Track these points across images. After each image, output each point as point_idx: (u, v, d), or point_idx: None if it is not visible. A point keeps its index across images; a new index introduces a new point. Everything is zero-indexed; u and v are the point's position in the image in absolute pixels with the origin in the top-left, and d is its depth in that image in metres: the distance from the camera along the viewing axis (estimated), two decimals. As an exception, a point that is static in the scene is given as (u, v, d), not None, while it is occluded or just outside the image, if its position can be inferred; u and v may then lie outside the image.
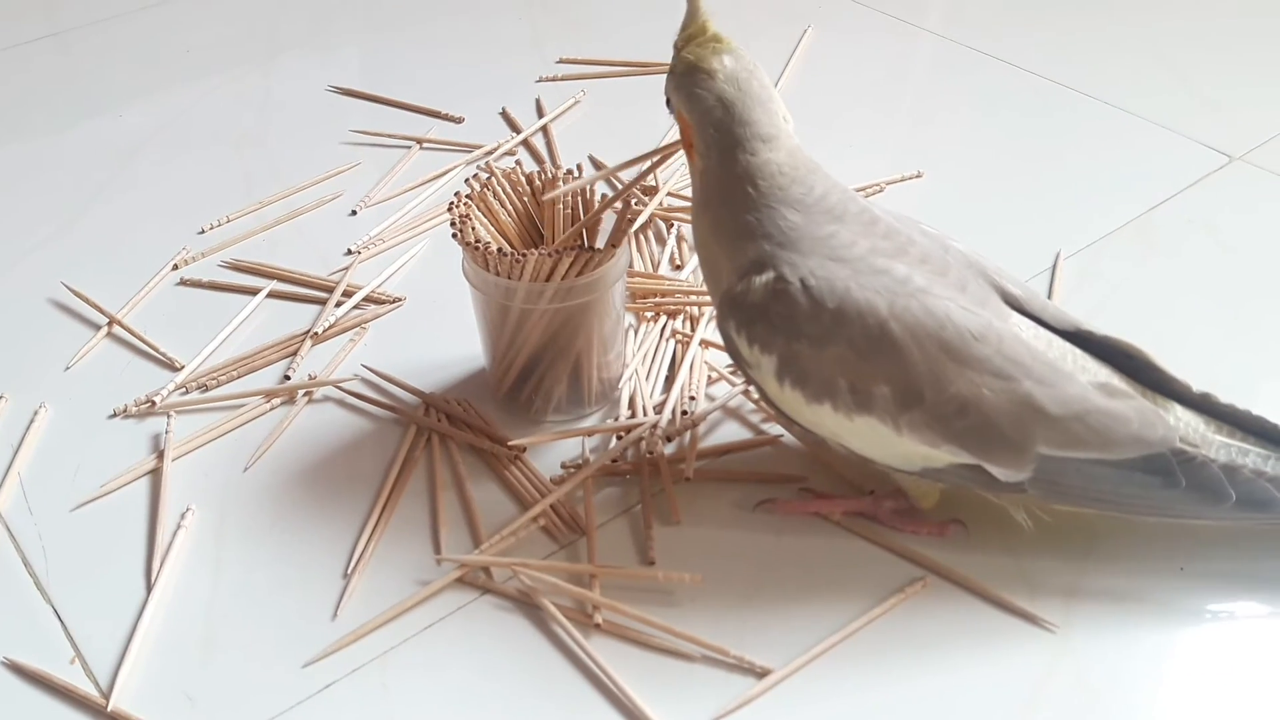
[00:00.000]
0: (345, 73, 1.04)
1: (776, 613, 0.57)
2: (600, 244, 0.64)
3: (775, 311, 0.55)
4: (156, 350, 0.73)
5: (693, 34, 0.58)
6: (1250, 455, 0.57)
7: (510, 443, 0.65)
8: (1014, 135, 0.94)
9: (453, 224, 0.63)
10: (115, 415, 0.69)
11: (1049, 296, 0.77)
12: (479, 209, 0.65)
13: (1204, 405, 0.59)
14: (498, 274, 0.62)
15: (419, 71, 1.04)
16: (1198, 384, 0.59)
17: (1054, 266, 0.79)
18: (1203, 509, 0.56)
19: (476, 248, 0.61)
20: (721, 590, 0.58)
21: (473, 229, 0.63)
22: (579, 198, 0.66)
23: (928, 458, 0.56)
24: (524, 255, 0.60)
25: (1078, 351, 0.58)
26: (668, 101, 0.59)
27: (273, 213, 0.86)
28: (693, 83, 0.57)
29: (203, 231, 0.84)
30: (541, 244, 0.67)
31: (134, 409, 0.69)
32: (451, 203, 0.64)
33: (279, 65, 1.06)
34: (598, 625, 0.56)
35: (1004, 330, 0.55)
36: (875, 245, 0.56)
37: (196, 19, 1.14)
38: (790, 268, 0.55)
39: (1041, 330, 0.58)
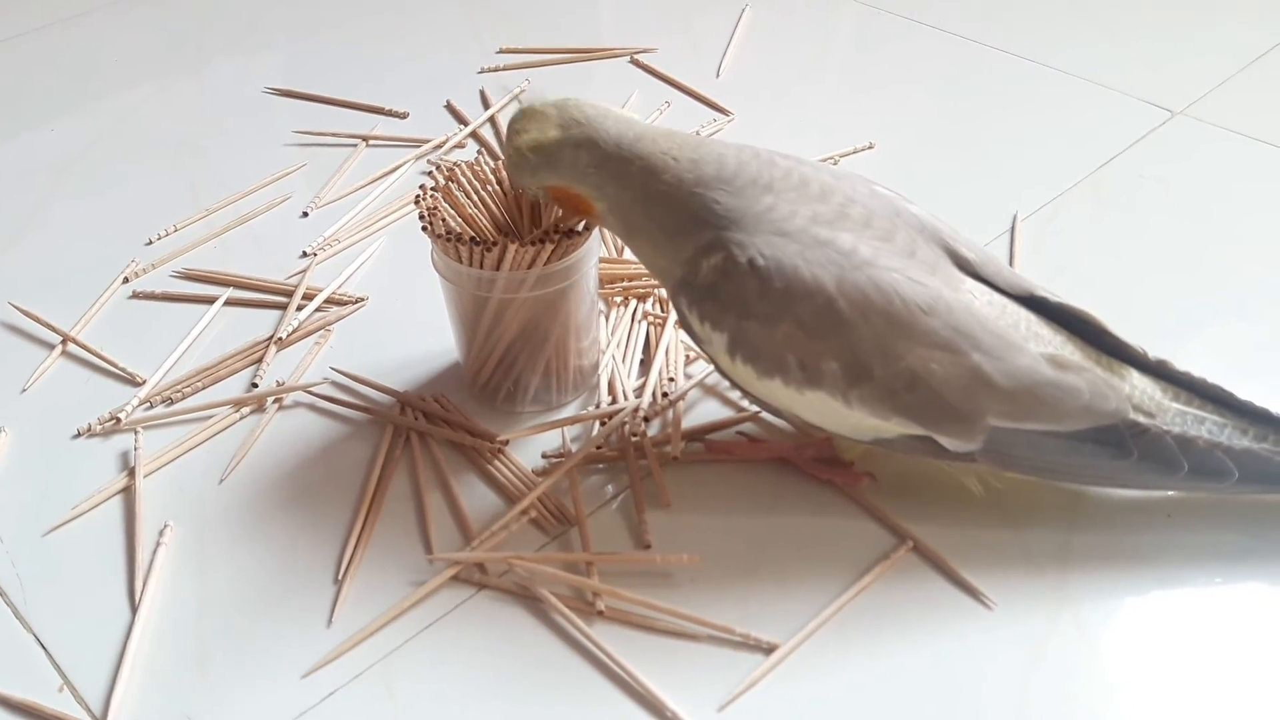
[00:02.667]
0: (280, 74, 1.02)
1: (775, 588, 0.57)
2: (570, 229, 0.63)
3: (724, 290, 0.55)
4: (115, 366, 0.71)
5: (513, 124, 0.59)
6: (1206, 423, 0.57)
7: (500, 437, 0.64)
8: (958, 101, 0.95)
9: (421, 217, 0.62)
10: (79, 435, 0.67)
11: (1010, 258, 0.78)
12: (446, 202, 0.63)
13: (1160, 372, 0.59)
14: (479, 266, 0.60)
15: (357, 69, 1.02)
16: (1161, 332, 0.60)
17: (1012, 228, 0.80)
18: (1155, 479, 0.56)
19: (449, 240, 0.60)
20: (719, 569, 0.58)
21: (442, 221, 0.61)
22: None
23: (878, 429, 0.56)
24: (505, 244, 0.59)
25: (1032, 317, 0.58)
26: (525, 189, 0.60)
27: (221, 219, 0.84)
28: (544, 157, 0.57)
29: (150, 242, 0.82)
30: (511, 233, 0.65)
31: (98, 427, 0.67)
32: (417, 196, 0.63)
33: (211, 70, 1.04)
34: (600, 612, 0.56)
35: (954, 300, 0.55)
36: (815, 212, 0.56)
37: (119, 30, 1.11)
38: (739, 248, 0.55)
39: (995, 296, 0.58)
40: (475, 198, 0.65)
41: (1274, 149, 0.86)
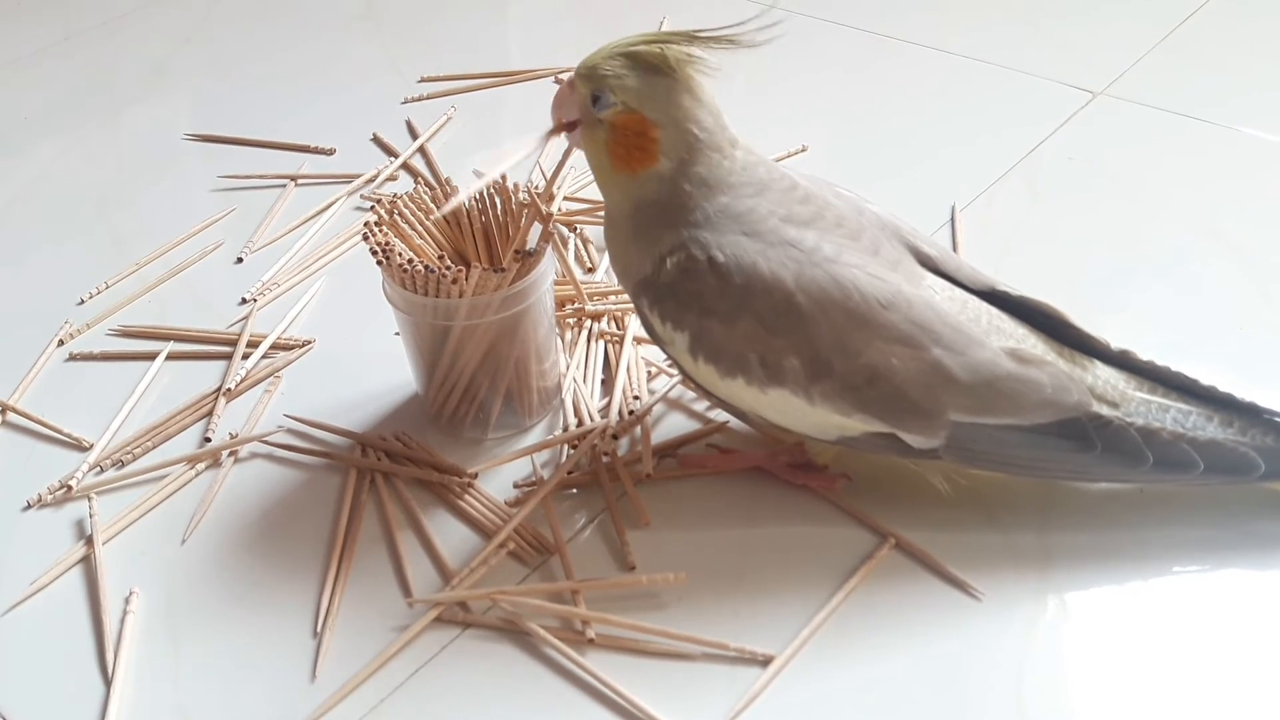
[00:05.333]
0: (197, 119, 0.99)
1: (764, 598, 0.57)
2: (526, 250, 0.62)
3: (684, 289, 0.55)
4: (60, 432, 0.69)
5: (676, 37, 0.56)
6: (1171, 412, 0.57)
7: (468, 471, 0.63)
8: (881, 97, 0.96)
9: (374, 253, 0.60)
10: (30, 507, 0.64)
11: (953, 249, 0.78)
12: (393, 235, 0.62)
13: (1124, 362, 0.59)
14: (445, 295, 0.59)
15: (276, 108, 1.00)
16: (1106, 310, 0.60)
17: (952, 220, 0.81)
18: (1119, 472, 0.56)
19: (405, 270, 0.59)
20: (706, 585, 0.57)
21: (399, 254, 0.60)
22: (501, 203, 0.64)
23: (842, 427, 0.56)
24: (470, 270, 0.59)
25: (994, 311, 0.58)
26: (594, 99, 0.55)
27: (153, 272, 0.82)
28: (681, 78, 0.55)
29: (82, 302, 0.79)
30: (460, 260, 0.65)
31: (49, 497, 0.64)
32: (365, 234, 0.61)
33: (126, 120, 1.01)
34: (591, 640, 0.55)
35: (914, 296, 0.55)
36: (791, 213, 0.56)
37: (25, 86, 1.07)
38: (699, 246, 0.55)
39: (957, 291, 0.58)
40: (420, 228, 0.64)
41: (1194, 121, 0.88)
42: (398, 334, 0.65)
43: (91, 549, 0.61)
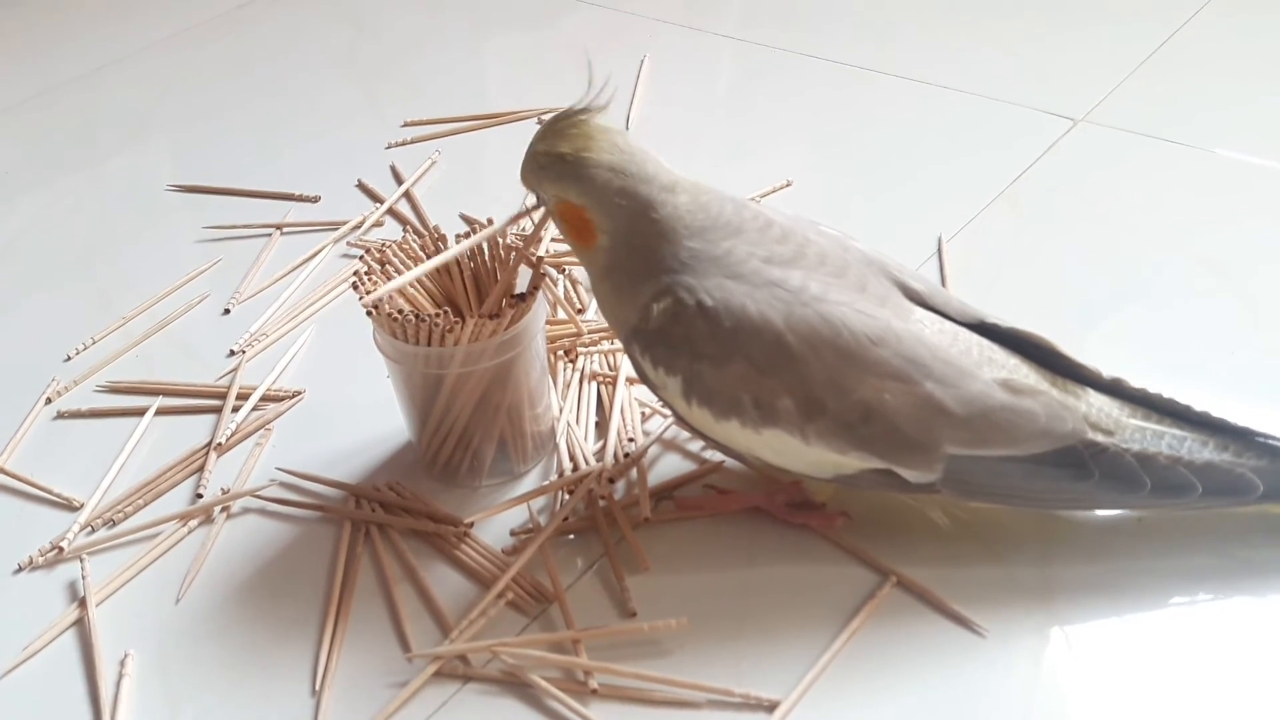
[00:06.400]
0: (180, 169, 0.99)
1: (767, 641, 0.56)
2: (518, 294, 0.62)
3: (674, 334, 0.55)
4: (50, 492, 0.68)
5: (560, 123, 0.57)
6: (1165, 438, 0.57)
7: (467, 520, 0.62)
8: (867, 131, 0.96)
9: (362, 301, 0.60)
10: (21, 569, 0.63)
11: (941, 280, 0.78)
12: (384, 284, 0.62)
13: (1116, 390, 0.59)
14: (439, 344, 0.59)
15: (260, 156, 1.00)
16: (1100, 339, 0.60)
17: (939, 251, 0.81)
18: (1118, 498, 0.56)
19: (396, 319, 0.59)
20: (708, 629, 0.57)
21: (387, 305, 0.60)
22: (489, 249, 0.64)
23: (838, 465, 0.56)
24: (465, 318, 0.58)
25: (984, 343, 0.58)
26: (538, 199, 0.59)
27: (140, 326, 0.81)
28: (580, 168, 0.56)
29: (69, 358, 0.79)
30: (452, 306, 0.64)
31: (40, 559, 0.64)
32: (354, 284, 0.61)
33: (108, 172, 1.01)
34: (594, 691, 0.54)
35: (904, 331, 0.55)
36: (771, 253, 0.56)
37: (5, 138, 1.07)
38: (687, 291, 0.55)
39: (946, 324, 0.58)
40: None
41: (1176, 145, 0.89)
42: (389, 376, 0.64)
43: (84, 611, 0.60)
